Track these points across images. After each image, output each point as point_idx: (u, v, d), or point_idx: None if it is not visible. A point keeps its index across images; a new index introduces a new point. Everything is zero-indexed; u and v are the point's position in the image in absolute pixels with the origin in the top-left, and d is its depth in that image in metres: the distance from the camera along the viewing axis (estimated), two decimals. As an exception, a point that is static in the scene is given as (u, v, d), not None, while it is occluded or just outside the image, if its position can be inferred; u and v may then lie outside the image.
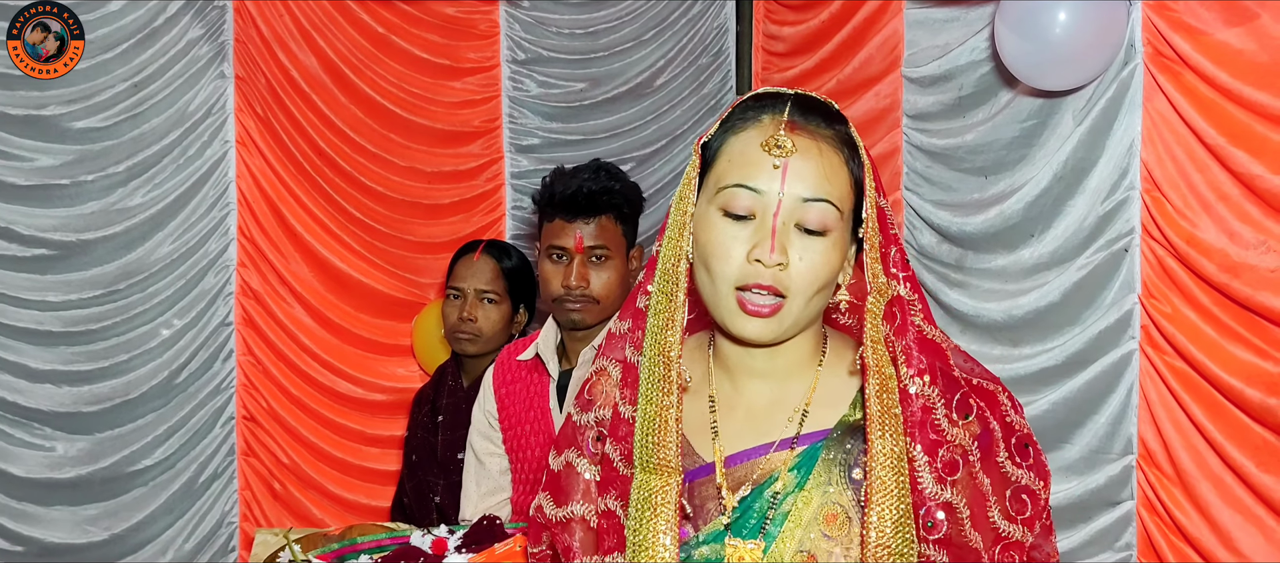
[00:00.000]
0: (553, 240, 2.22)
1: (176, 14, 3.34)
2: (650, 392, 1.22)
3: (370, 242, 3.57)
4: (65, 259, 3.28)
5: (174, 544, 3.40)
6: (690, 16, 3.87)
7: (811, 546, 1.19)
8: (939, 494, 1.16)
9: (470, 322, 2.76)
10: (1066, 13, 2.24)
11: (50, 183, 3.26)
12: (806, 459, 1.22)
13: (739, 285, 1.17)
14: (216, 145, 3.43)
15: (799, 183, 1.16)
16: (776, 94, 1.23)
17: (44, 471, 3.28)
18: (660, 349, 1.22)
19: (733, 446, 1.24)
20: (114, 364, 3.34)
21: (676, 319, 1.22)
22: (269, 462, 3.50)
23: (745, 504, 1.21)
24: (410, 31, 3.57)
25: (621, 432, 1.25)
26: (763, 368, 1.25)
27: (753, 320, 1.17)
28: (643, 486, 1.21)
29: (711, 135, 1.23)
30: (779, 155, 1.16)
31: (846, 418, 1.23)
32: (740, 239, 1.17)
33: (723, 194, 1.18)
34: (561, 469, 1.32)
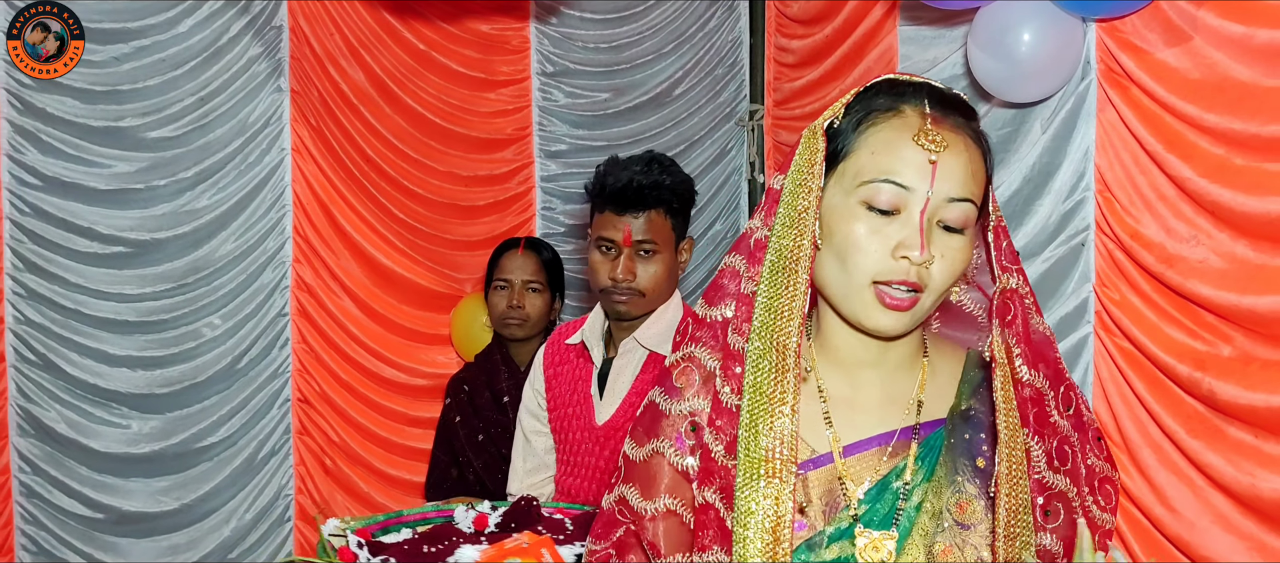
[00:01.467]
0: (602, 232, 2.19)
1: (238, 34, 3.62)
2: (761, 382, 1.15)
3: (412, 240, 3.81)
4: (140, 256, 3.58)
5: (236, 514, 3.69)
6: (707, 30, 4.10)
7: (946, 536, 1.17)
8: (1055, 484, 1.16)
9: (519, 309, 2.92)
10: (1030, 33, 2.50)
11: (126, 187, 3.56)
12: (929, 449, 1.20)
13: (879, 279, 1.13)
14: (274, 153, 3.70)
15: (947, 181, 1.12)
16: (909, 83, 1.19)
17: (122, 446, 3.59)
18: (775, 338, 1.16)
19: (849, 436, 1.20)
20: (183, 351, 3.63)
21: (795, 307, 1.16)
22: (321, 440, 3.77)
23: (872, 496, 1.18)
24: (449, 48, 3.81)
25: (723, 422, 1.18)
26: (876, 359, 1.21)
27: (890, 313, 1.13)
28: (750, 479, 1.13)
29: (839, 121, 1.18)
30: (933, 150, 1.12)
31: (957, 407, 1.22)
32: (883, 234, 1.13)
33: (866, 188, 1.13)
34: (646, 459, 1.24)
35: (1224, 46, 2.17)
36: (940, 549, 1.16)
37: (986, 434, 1.20)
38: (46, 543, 3.55)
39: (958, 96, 1.19)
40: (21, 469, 3.55)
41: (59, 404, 3.55)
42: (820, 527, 1.17)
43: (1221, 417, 2.15)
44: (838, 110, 1.19)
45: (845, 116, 1.18)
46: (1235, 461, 2.12)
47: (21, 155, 3.49)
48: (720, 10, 4.13)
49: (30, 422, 3.54)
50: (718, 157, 4.13)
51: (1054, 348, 1.20)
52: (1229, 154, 2.15)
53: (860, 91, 1.19)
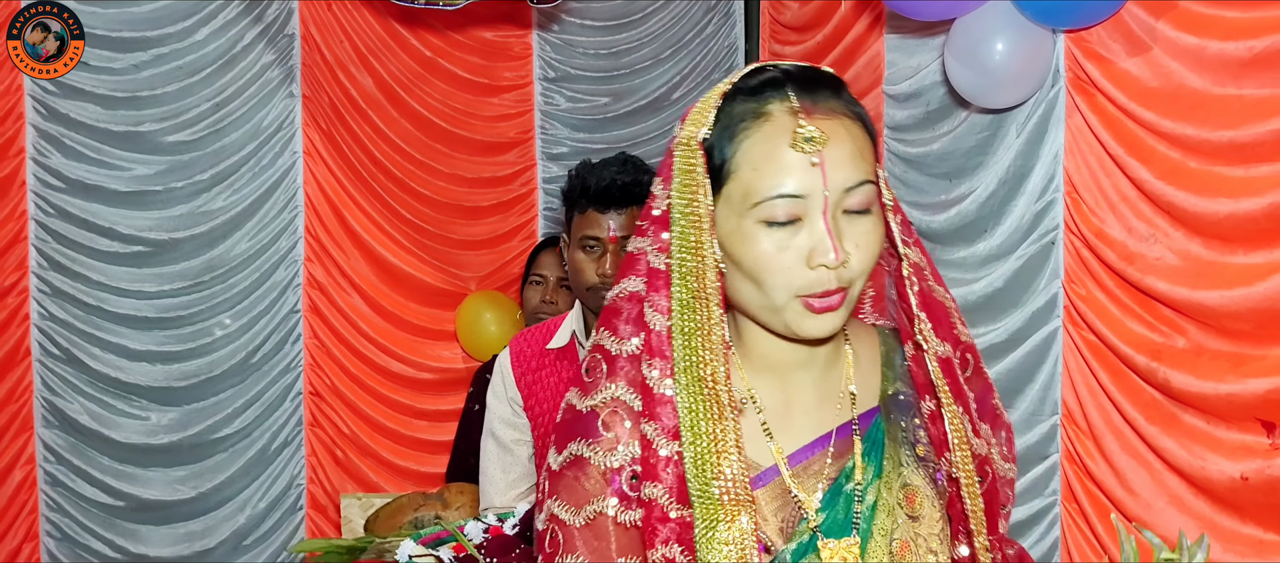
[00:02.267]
0: (585, 231, 2.20)
1: (251, 42, 3.77)
2: (697, 423, 1.08)
3: (419, 239, 3.96)
4: (158, 255, 3.75)
5: (250, 503, 3.85)
6: (703, 36, 4.23)
7: (902, 531, 1.13)
8: (979, 448, 1.15)
9: (552, 304, 3.03)
10: (1003, 43, 2.64)
11: (146, 189, 3.72)
12: (872, 443, 1.15)
13: (801, 294, 1.07)
14: (286, 156, 3.86)
15: (838, 172, 1.05)
16: (767, 79, 1.10)
17: (141, 437, 3.75)
18: (703, 373, 1.09)
19: (791, 444, 1.14)
20: (199, 346, 3.80)
21: (716, 339, 1.09)
22: (332, 432, 3.92)
23: (827, 502, 1.13)
24: (454, 54, 3.96)
25: (663, 470, 1.10)
26: (805, 360, 1.16)
27: (822, 318, 1.07)
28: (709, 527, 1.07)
29: (710, 133, 1.10)
30: (813, 150, 1.05)
31: (886, 391, 1.18)
32: (791, 247, 1.06)
33: (760, 208, 1.06)
34: (590, 523, 1.13)
35: (1179, 57, 2.32)
36: (898, 546, 1.13)
37: (918, 417, 1.17)
38: (70, 529, 3.72)
39: (820, 72, 1.11)
40: (46, 459, 3.71)
41: (82, 397, 3.71)
42: (780, 546, 1.11)
43: (1176, 404, 2.29)
44: (707, 118, 1.10)
45: (715, 125, 1.09)
46: (1188, 445, 2.26)
47: (46, 159, 3.65)
48: (716, 17, 4.27)
49: (55, 413, 3.70)
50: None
51: (951, 312, 1.17)
52: (1183, 158, 2.29)
53: (722, 96, 1.10)
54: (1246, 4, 2.14)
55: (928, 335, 1.13)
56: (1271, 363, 2.10)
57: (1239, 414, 2.16)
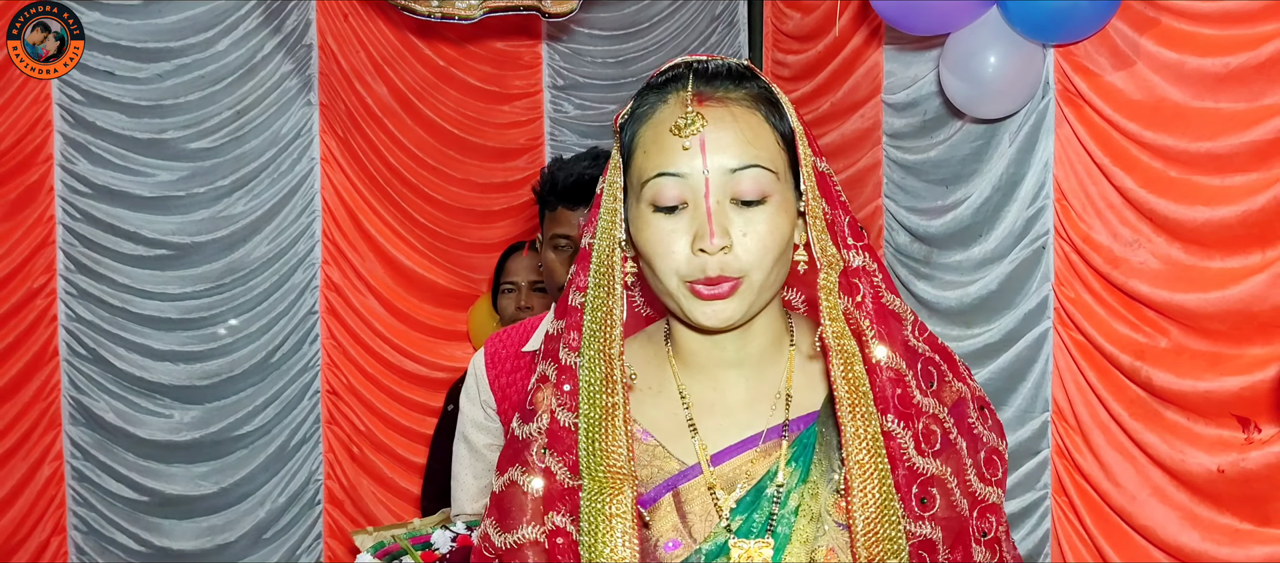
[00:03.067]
0: (557, 229, 2.17)
1: (271, 52, 3.88)
2: (592, 394, 1.10)
3: (432, 243, 4.07)
4: (180, 258, 3.85)
5: (270, 497, 3.96)
6: (708, 45, 4.33)
7: (827, 539, 1.10)
8: (926, 468, 1.09)
9: (527, 309, 2.98)
10: (995, 56, 2.76)
11: (168, 194, 3.82)
12: (802, 447, 1.13)
13: (686, 279, 1.07)
14: (304, 163, 3.96)
15: (720, 154, 1.06)
16: (673, 70, 1.12)
17: (165, 434, 3.86)
18: (599, 347, 1.11)
19: (717, 443, 1.13)
20: (220, 346, 3.90)
21: (615, 314, 1.11)
22: (348, 429, 4.03)
23: (746, 504, 1.11)
24: (466, 64, 4.07)
25: (563, 441, 1.12)
26: (734, 357, 1.15)
27: (711, 304, 1.07)
28: (593, 497, 1.08)
29: (624, 118, 1.13)
30: (689, 134, 1.06)
31: (830, 398, 1.13)
32: (678, 232, 1.07)
33: (648, 188, 1.08)
34: (505, 490, 1.15)
35: (1161, 71, 2.44)
36: (823, 553, 1.10)
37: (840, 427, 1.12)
38: (96, 523, 3.83)
39: (727, 65, 1.11)
40: (73, 455, 3.83)
41: (108, 395, 3.82)
42: (697, 544, 1.10)
43: (1158, 401, 2.42)
44: (629, 107, 1.13)
45: (627, 115, 1.13)
46: (1169, 440, 2.39)
47: (73, 166, 3.76)
48: (720, 26, 4.39)
49: (81, 411, 3.82)
50: None
51: (908, 323, 1.13)
52: (1165, 168, 2.41)
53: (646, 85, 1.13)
54: (1223, 23, 2.27)
55: (868, 341, 1.09)
56: (1246, 362, 2.22)
57: (1216, 410, 2.28)
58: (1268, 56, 2.15)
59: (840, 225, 1.11)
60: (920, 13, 2.74)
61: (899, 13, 2.78)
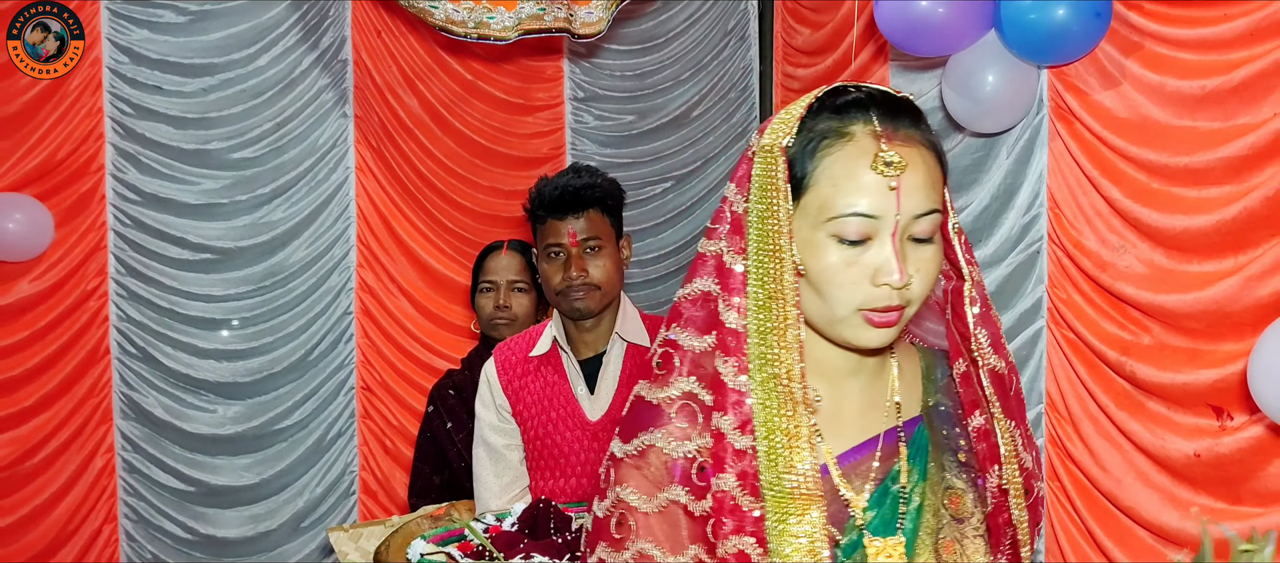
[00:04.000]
0: (549, 239, 2.28)
1: (308, 67, 4.08)
2: (773, 418, 1.11)
3: (460, 247, 4.22)
4: (224, 262, 4.06)
5: (308, 488, 4.17)
6: (721, 59, 4.54)
7: (946, 532, 1.18)
8: (1026, 461, 1.20)
9: (506, 309, 2.92)
10: (993, 75, 2.98)
11: (213, 202, 4.03)
12: (917, 448, 1.20)
13: (863, 308, 1.12)
14: (340, 172, 4.16)
15: (911, 199, 1.10)
16: (853, 99, 1.14)
17: (210, 428, 4.07)
18: (778, 370, 1.12)
19: (840, 445, 1.18)
20: (261, 345, 4.10)
21: (792, 338, 1.12)
22: (381, 423, 4.22)
23: (875, 502, 1.17)
24: (492, 77, 4.26)
25: (735, 463, 1.12)
26: (855, 368, 1.21)
27: (878, 331, 1.12)
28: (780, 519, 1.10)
29: (792, 142, 1.13)
30: (892, 175, 1.09)
31: (927, 403, 1.23)
32: (859, 263, 1.11)
33: (834, 222, 1.10)
34: (662, 511, 1.15)
35: (1145, 91, 2.66)
36: (944, 545, 1.17)
37: (959, 428, 1.22)
38: (145, 512, 4.05)
39: (903, 100, 1.15)
40: (124, 448, 4.03)
41: (156, 391, 4.03)
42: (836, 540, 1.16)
43: (1141, 393, 2.64)
44: (790, 129, 1.14)
45: (798, 138, 1.14)
46: (1151, 428, 2.61)
47: (123, 175, 3.98)
48: (732, 41, 4.59)
49: (132, 407, 4.03)
50: (731, 172, 4.59)
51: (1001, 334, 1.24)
52: (1148, 180, 2.63)
53: (806, 109, 1.15)
54: (1200, 50, 2.49)
55: (984, 350, 1.19)
56: (1220, 357, 2.44)
57: (1193, 401, 2.50)
58: (1239, 81, 2.36)
59: (965, 247, 1.20)
60: (923, 36, 2.95)
61: (903, 36, 2.99)
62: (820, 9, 4.14)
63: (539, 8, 3.13)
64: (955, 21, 2.88)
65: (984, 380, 1.19)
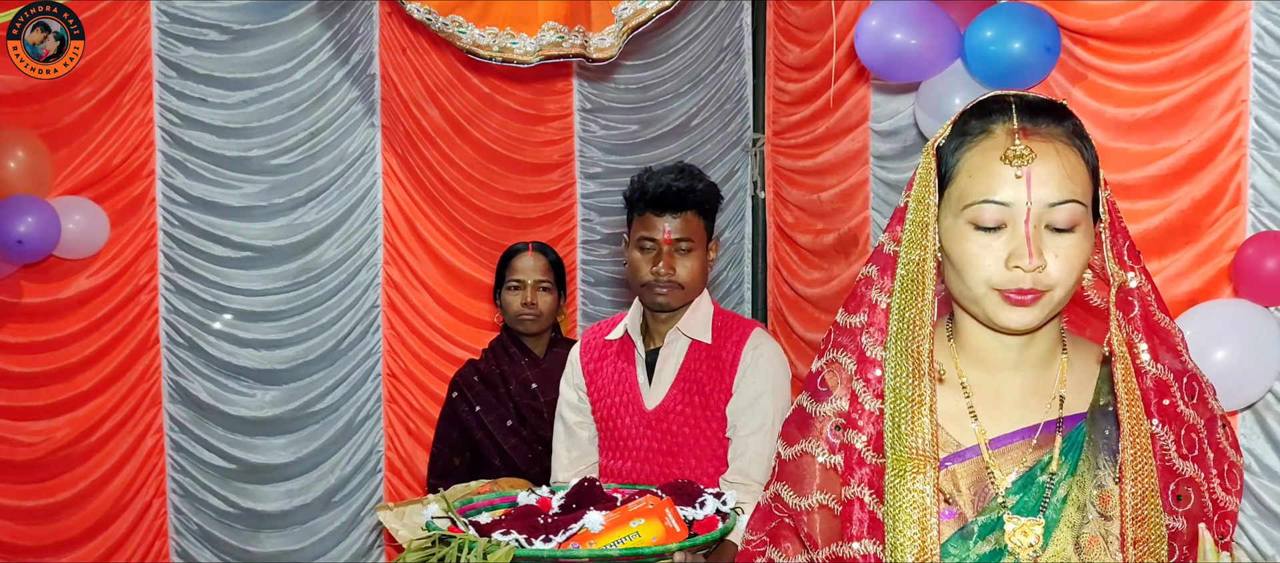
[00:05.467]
0: (643, 232, 2.33)
1: (339, 81, 4.42)
2: (900, 385, 1.20)
3: (478, 246, 4.57)
4: (263, 259, 4.40)
5: (338, 466, 4.51)
6: (717, 73, 4.89)
7: (1091, 528, 1.20)
8: (1183, 470, 1.20)
9: (532, 306, 3.09)
10: (960, 99, 3.36)
11: (253, 204, 4.37)
12: (1072, 443, 1.23)
13: (998, 288, 1.17)
14: (368, 177, 4.50)
15: (1043, 188, 1.15)
16: (1001, 100, 1.21)
17: (250, 411, 4.41)
18: (910, 344, 1.21)
19: (994, 430, 1.24)
20: (296, 335, 4.44)
21: (926, 316, 1.21)
22: (406, 407, 4.55)
23: (1019, 486, 1.21)
24: (508, 90, 4.59)
25: (865, 422, 1.23)
26: (1015, 358, 1.25)
27: (1016, 310, 1.17)
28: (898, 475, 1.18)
29: (944, 142, 1.23)
30: (1020, 165, 1.15)
31: (1097, 402, 1.25)
32: (993, 249, 1.17)
33: (970, 210, 1.17)
34: (796, 458, 1.29)
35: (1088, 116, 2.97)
36: (1087, 540, 1.20)
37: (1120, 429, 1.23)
38: (192, 488, 4.39)
39: (1047, 102, 1.21)
40: (172, 429, 4.38)
41: (201, 377, 4.38)
42: (971, 518, 1.22)
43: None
44: (946, 131, 1.25)
45: (948, 138, 1.23)
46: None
47: (172, 179, 4.33)
48: (728, 56, 4.95)
49: (179, 392, 4.38)
50: (727, 177, 4.94)
51: (1177, 340, 1.24)
52: (1089, 194, 3.02)
53: (961, 113, 1.24)
54: (1131, 82, 2.88)
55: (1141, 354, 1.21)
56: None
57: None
58: (1162, 111, 2.75)
59: (1121, 248, 1.23)
60: (898, 64, 3.34)
61: (881, 64, 3.38)
62: (809, 28, 4.51)
63: (557, 35, 3.49)
64: (926, 52, 3.26)
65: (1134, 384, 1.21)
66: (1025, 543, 1.20)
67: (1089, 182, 1.20)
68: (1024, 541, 1.20)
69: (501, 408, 3.11)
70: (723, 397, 2.34)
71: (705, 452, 2.33)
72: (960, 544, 1.21)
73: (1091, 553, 1.20)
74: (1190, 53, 2.65)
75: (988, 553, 1.20)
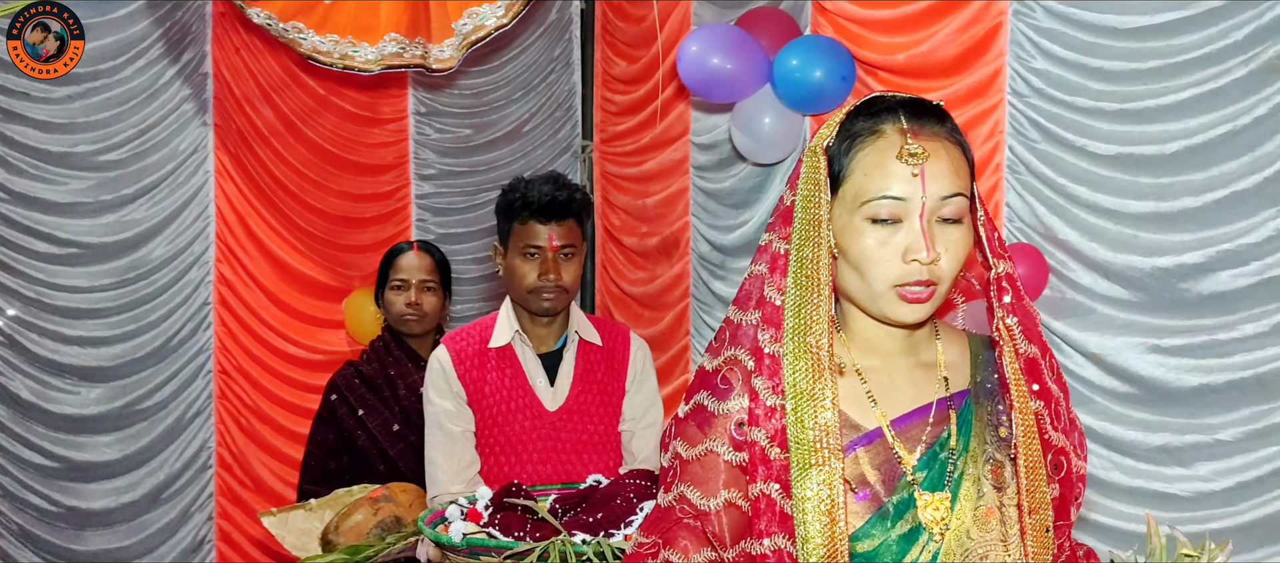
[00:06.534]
0: (527, 240, 2.40)
1: (171, 78, 4.42)
2: (799, 380, 1.23)
3: (312, 244, 4.64)
4: (90, 256, 4.36)
5: (168, 462, 4.51)
6: (548, 82, 5.06)
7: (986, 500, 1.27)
8: (1056, 440, 1.29)
9: (417, 306, 3.05)
10: (769, 119, 3.71)
11: (80, 200, 4.33)
12: (964, 419, 1.30)
13: (896, 284, 1.23)
14: (200, 174, 4.51)
15: (935, 183, 1.22)
16: (885, 101, 1.28)
17: (75, 409, 4.37)
18: (808, 340, 1.24)
19: (893, 411, 1.29)
20: (125, 332, 4.42)
21: (823, 311, 1.24)
22: (237, 404, 4.60)
23: (925, 462, 1.27)
24: (343, 92, 4.65)
25: (766, 418, 1.25)
26: (902, 345, 1.32)
27: (912, 307, 1.24)
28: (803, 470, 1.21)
29: (831, 142, 1.27)
30: (915, 163, 1.21)
31: (975, 379, 1.33)
32: (891, 243, 1.23)
33: (868, 205, 1.23)
34: (701, 457, 1.30)
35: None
36: (983, 512, 1.27)
37: (1002, 405, 1.32)
38: (12, 488, 4.31)
39: (929, 104, 1.28)
40: (-8, 430, 4.31)
41: (23, 376, 4.31)
42: (884, 498, 1.26)
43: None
44: (831, 132, 1.29)
45: (836, 139, 1.27)
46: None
47: (-7, 174, 4.26)
48: (558, 66, 5.13)
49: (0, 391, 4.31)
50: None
51: (1038, 321, 1.33)
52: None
53: (845, 115, 1.28)
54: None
55: (1016, 336, 1.29)
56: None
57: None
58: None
59: (993, 238, 1.31)
60: (715, 86, 3.65)
61: (700, 85, 3.69)
62: (634, 44, 4.78)
63: (398, 46, 3.64)
64: (739, 77, 3.59)
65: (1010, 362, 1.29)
66: (937, 517, 1.26)
67: (969, 177, 1.28)
68: (936, 514, 1.26)
69: (387, 412, 3.04)
70: (619, 394, 2.51)
71: (606, 448, 2.48)
72: (879, 525, 1.26)
73: (989, 524, 1.27)
74: (960, 88, 3.06)
75: (907, 533, 1.26)
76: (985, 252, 1.31)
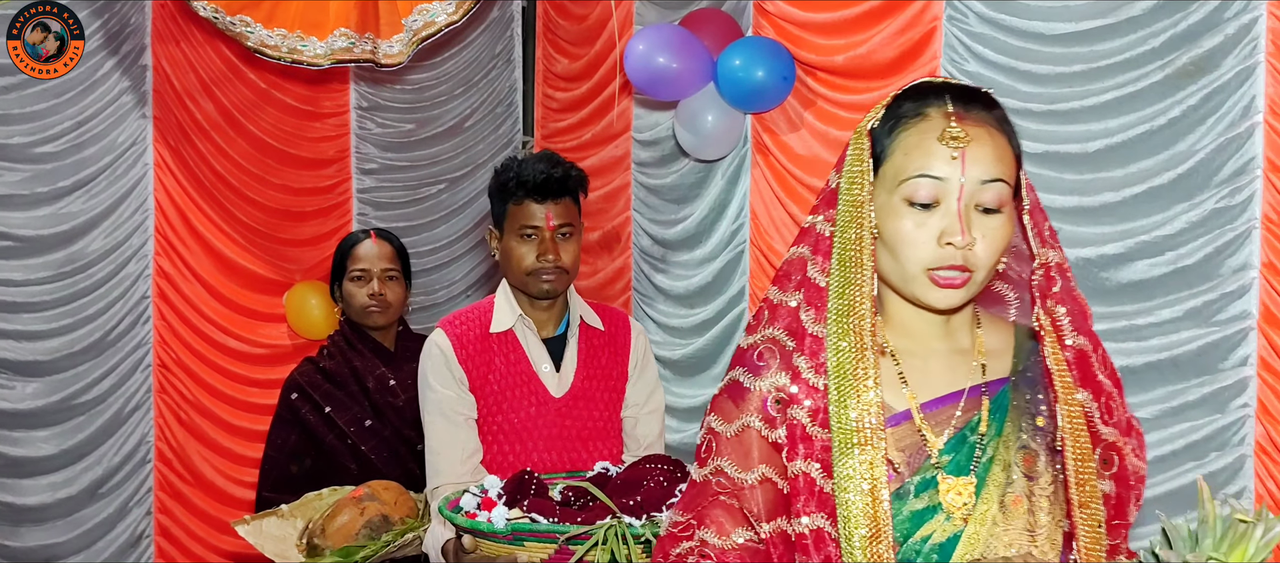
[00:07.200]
0: (525, 221, 2.32)
1: (109, 70, 4.36)
2: (844, 362, 1.23)
3: (252, 238, 4.62)
4: (25, 249, 4.29)
5: (105, 458, 4.46)
6: (489, 78, 5.10)
7: (1015, 487, 1.26)
8: (1108, 435, 1.28)
9: (380, 297, 2.92)
10: (712, 117, 3.83)
11: (14, 193, 4.26)
12: (999, 405, 1.29)
13: (930, 267, 1.22)
14: (139, 167, 4.47)
15: (976, 166, 1.21)
16: (930, 87, 1.28)
17: (10, 404, 4.30)
18: (851, 321, 1.24)
19: (925, 394, 1.29)
20: (61, 325, 4.36)
21: (866, 292, 1.24)
22: (176, 398, 4.57)
23: (951, 446, 1.27)
24: (284, 85, 4.64)
25: (807, 397, 1.25)
26: (939, 330, 1.32)
27: (945, 292, 1.23)
28: (846, 449, 1.21)
29: (877, 124, 1.28)
30: (956, 146, 1.20)
31: (1016, 368, 1.32)
32: (927, 225, 1.22)
33: (906, 185, 1.22)
34: (739, 433, 1.30)
35: (817, 137, 3.59)
36: (1011, 499, 1.25)
37: (1043, 395, 1.30)
38: (-55, 485, 4.27)
39: (977, 90, 1.28)
40: (-79, 424, 4.22)
41: (-45, 370, 4.25)
42: (907, 478, 1.26)
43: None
44: (877, 114, 1.29)
45: (881, 122, 1.28)
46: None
47: (-78, 165, 4.18)
48: (499, 63, 5.19)
49: (-70, 385, 4.23)
50: None
51: (1090, 315, 1.32)
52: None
53: (891, 98, 1.30)
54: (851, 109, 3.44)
55: (1064, 327, 1.29)
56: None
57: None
58: (875, 136, 3.32)
59: (1042, 227, 1.31)
60: (660, 84, 3.77)
61: (645, 83, 3.80)
62: (576, 42, 4.86)
63: (348, 41, 3.68)
64: (683, 76, 3.71)
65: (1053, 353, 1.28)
66: (959, 502, 1.26)
67: (1014, 166, 1.27)
68: (958, 499, 1.26)
69: (357, 407, 2.90)
70: (622, 380, 2.48)
71: (610, 433, 2.44)
72: (896, 503, 1.26)
73: (1015, 512, 1.26)
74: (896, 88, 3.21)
75: (922, 509, 1.26)
76: (1029, 242, 1.31)
